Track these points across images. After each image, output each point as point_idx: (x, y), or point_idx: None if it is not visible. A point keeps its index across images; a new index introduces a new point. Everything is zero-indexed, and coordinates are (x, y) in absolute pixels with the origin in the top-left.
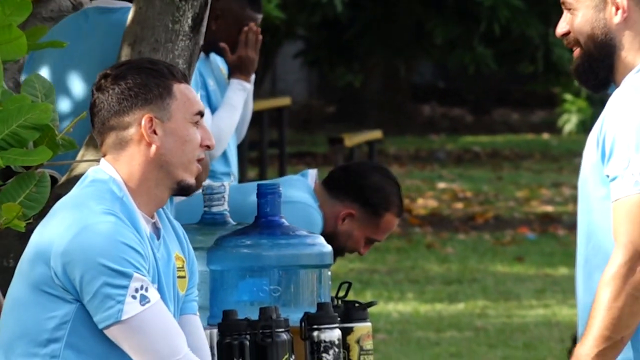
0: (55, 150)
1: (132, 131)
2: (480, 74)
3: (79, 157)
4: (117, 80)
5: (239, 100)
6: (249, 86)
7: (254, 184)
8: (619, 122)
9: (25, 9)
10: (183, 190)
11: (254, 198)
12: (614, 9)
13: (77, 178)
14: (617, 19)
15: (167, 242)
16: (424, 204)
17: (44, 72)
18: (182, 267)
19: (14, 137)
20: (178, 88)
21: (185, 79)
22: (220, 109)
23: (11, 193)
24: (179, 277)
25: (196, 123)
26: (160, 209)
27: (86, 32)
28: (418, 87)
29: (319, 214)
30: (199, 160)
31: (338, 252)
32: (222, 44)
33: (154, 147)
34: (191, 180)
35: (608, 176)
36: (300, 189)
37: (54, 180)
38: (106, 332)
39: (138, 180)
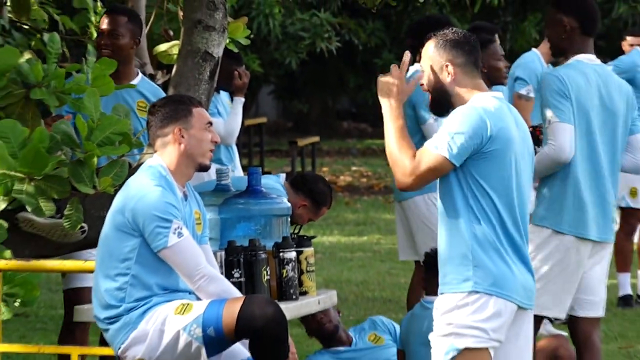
0: (131, 147)
1: (169, 137)
2: (376, 104)
3: (144, 152)
4: (160, 108)
5: (239, 109)
6: (243, 99)
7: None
8: (446, 122)
9: (113, 66)
10: (202, 168)
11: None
12: (446, 73)
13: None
14: (449, 79)
15: (191, 203)
16: (344, 179)
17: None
18: (199, 219)
19: (107, 139)
20: (195, 110)
21: (200, 104)
22: (230, 118)
23: (106, 172)
24: (197, 224)
25: (207, 128)
26: (187, 182)
27: None
28: (340, 112)
29: (286, 199)
30: (211, 150)
31: (291, 223)
32: (239, 70)
33: (182, 146)
34: (207, 162)
35: None
36: (276, 184)
37: (130, 164)
38: (159, 254)
39: (175, 165)
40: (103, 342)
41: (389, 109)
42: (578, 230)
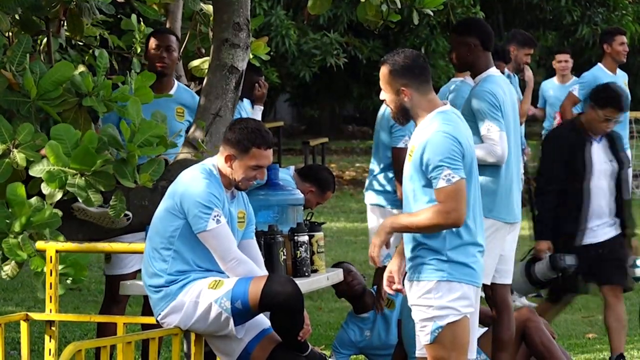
0: (166, 147)
1: (224, 153)
2: (376, 110)
3: (180, 152)
4: (237, 128)
5: (259, 115)
6: (262, 107)
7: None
8: (430, 157)
9: (152, 78)
10: (233, 187)
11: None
12: (403, 95)
13: (178, 162)
14: (406, 99)
15: (237, 202)
16: (349, 174)
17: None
18: (243, 217)
19: (146, 141)
20: (255, 150)
21: (269, 147)
22: None
23: (145, 168)
24: (240, 221)
25: (254, 168)
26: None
27: None
28: (345, 117)
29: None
30: (249, 181)
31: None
32: (259, 81)
33: (227, 167)
34: (240, 187)
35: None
36: (287, 175)
37: (167, 162)
38: (198, 236)
39: (222, 172)
40: (144, 314)
41: (384, 232)
42: (501, 215)
